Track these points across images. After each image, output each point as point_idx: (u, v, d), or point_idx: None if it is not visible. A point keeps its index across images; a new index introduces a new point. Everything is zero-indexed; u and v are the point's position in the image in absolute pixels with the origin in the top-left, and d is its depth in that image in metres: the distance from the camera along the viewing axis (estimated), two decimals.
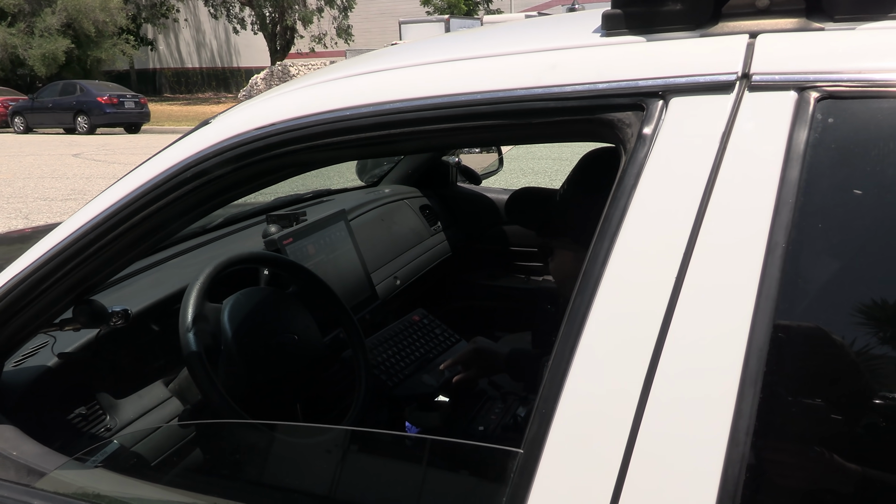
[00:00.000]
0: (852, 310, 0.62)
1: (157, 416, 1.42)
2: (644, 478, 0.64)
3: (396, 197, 2.56)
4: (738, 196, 0.67)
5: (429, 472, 0.86)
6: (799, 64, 0.69)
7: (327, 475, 0.94)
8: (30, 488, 0.98)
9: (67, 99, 20.15)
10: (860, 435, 0.63)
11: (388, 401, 1.72)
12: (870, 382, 0.63)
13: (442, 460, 0.89)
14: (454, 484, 0.84)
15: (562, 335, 0.70)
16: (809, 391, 0.64)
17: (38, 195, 8.93)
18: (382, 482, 0.90)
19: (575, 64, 0.78)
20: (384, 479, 0.90)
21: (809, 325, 0.64)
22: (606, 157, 1.29)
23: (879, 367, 0.62)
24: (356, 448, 0.99)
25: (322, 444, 1.02)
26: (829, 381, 0.64)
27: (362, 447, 1.00)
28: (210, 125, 0.98)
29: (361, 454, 0.97)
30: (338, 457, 0.95)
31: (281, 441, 1.16)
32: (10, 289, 1.02)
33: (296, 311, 1.51)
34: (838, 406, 0.64)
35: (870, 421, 0.64)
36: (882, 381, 0.62)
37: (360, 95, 0.88)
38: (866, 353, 0.62)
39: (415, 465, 0.89)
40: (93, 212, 0.99)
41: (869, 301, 0.62)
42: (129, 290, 1.58)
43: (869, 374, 0.62)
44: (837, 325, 0.64)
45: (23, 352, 1.28)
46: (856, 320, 0.62)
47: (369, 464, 0.94)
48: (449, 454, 0.89)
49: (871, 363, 0.62)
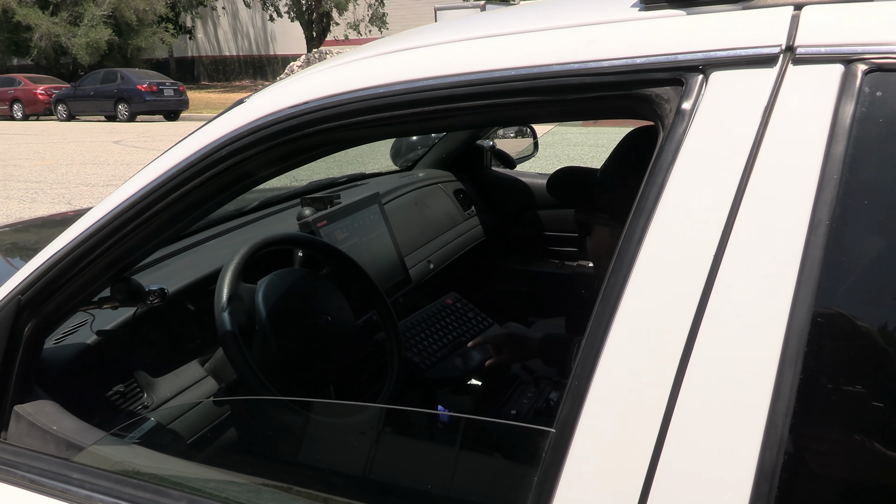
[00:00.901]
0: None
1: (193, 394, 1.44)
2: (679, 458, 0.63)
3: (430, 181, 2.55)
4: (780, 173, 0.65)
5: (461, 452, 0.86)
6: (845, 36, 0.66)
7: (361, 454, 0.94)
8: (68, 462, 1.00)
9: (108, 87, 20.51)
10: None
11: (420, 383, 1.72)
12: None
13: (473, 440, 0.89)
14: (486, 463, 0.84)
15: (596, 313, 0.69)
16: (851, 374, 0.62)
17: (80, 181, 9.12)
18: (415, 462, 0.90)
19: (612, 38, 0.76)
20: (416, 459, 0.90)
21: (852, 305, 0.62)
22: (651, 135, 1.27)
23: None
24: (389, 428, 0.99)
25: (356, 424, 1.02)
26: (872, 364, 0.62)
27: (395, 427, 1.00)
28: (244, 104, 0.99)
29: (394, 434, 0.97)
30: (371, 436, 0.95)
31: (315, 420, 1.16)
32: (50, 266, 1.04)
33: (329, 292, 1.51)
34: (880, 391, 0.61)
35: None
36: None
37: (393, 73, 0.87)
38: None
39: (447, 445, 0.89)
40: (130, 191, 1.01)
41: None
42: (165, 270, 1.60)
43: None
44: (881, 307, 0.62)
45: (62, 329, 1.31)
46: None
47: (402, 444, 0.94)
48: (480, 434, 0.88)
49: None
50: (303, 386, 1.40)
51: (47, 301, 1.06)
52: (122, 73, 21.01)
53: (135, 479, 0.95)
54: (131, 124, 19.22)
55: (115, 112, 20.30)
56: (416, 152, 2.79)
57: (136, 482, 0.94)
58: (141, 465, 1.05)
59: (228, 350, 1.27)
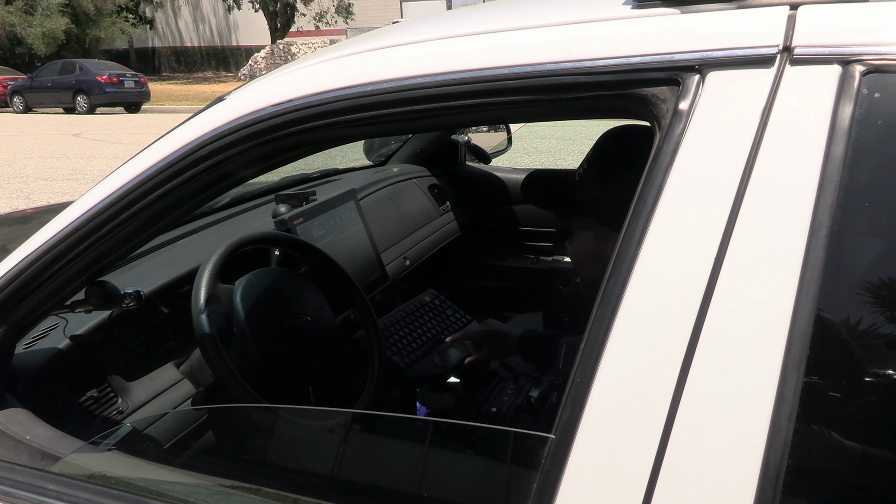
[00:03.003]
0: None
1: (169, 398, 1.41)
2: (682, 463, 0.63)
3: (405, 176, 2.53)
4: (779, 174, 0.64)
5: (457, 457, 0.85)
6: (843, 36, 0.66)
7: (350, 459, 0.92)
8: (45, 473, 0.97)
9: (67, 78, 20.01)
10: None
11: (399, 382, 1.70)
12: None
13: (471, 445, 0.88)
14: (485, 469, 0.83)
15: (595, 316, 0.68)
16: (854, 376, 0.62)
17: (39, 175, 8.89)
18: (408, 467, 0.88)
19: (607, 36, 0.75)
20: (410, 464, 0.88)
21: (855, 307, 0.62)
22: (624, 135, 1.26)
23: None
24: (378, 432, 0.97)
25: (343, 428, 1.00)
26: (875, 365, 0.62)
27: (387, 431, 0.98)
28: (225, 102, 0.96)
29: (384, 437, 0.95)
30: (361, 441, 0.93)
31: (295, 423, 1.14)
32: (22, 269, 1.00)
33: (308, 291, 1.49)
34: (884, 392, 0.62)
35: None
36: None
37: (381, 70, 0.85)
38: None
39: (443, 450, 0.87)
40: (107, 190, 0.97)
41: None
42: (137, 271, 1.56)
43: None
44: (884, 308, 0.61)
45: (33, 334, 1.26)
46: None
47: (393, 448, 0.93)
48: (478, 439, 0.87)
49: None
50: (282, 387, 1.38)
51: (19, 306, 1.03)
52: (81, 64, 20.49)
53: (115, 490, 0.92)
54: (91, 117, 18.79)
55: (73, 104, 19.82)
56: (389, 147, 2.76)
57: (117, 493, 0.91)
58: (121, 473, 1.01)
59: (207, 352, 1.24)
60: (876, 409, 0.61)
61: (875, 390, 0.61)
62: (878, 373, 0.62)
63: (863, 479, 0.62)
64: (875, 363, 0.62)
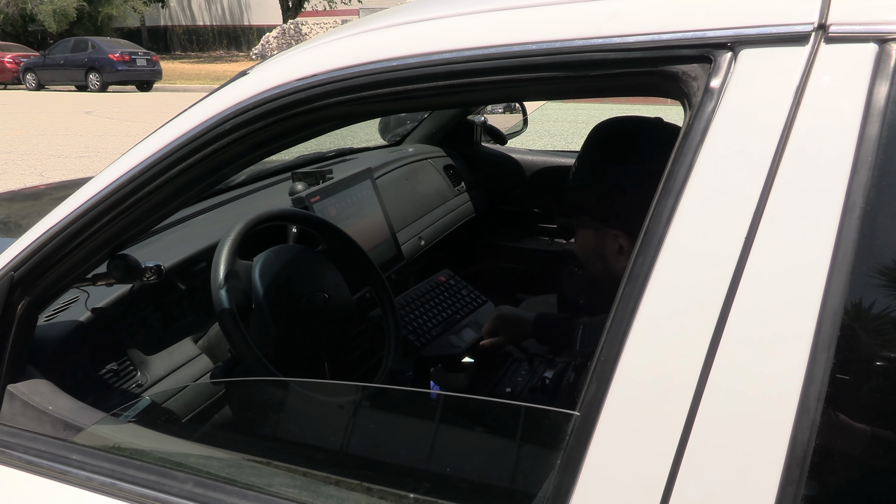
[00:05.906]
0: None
1: (187, 373, 1.42)
2: (708, 439, 0.63)
3: (421, 156, 2.52)
4: (812, 154, 0.64)
5: (481, 433, 0.85)
6: (879, 14, 0.65)
7: (370, 434, 0.93)
8: (68, 443, 0.98)
9: (79, 56, 20.00)
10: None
11: (415, 361, 1.71)
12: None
13: (495, 421, 0.88)
14: (508, 446, 0.83)
15: (622, 296, 0.68)
16: (885, 359, 0.61)
17: (52, 152, 8.92)
18: (433, 443, 0.89)
19: (637, 13, 0.74)
20: (435, 440, 0.89)
21: (886, 288, 0.61)
22: (614, 128, 1.25)
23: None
24: (403, 408, 0.98)
25: (360, 403, 1.01)
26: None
27: (407, 407, 0.98)
28: (248, 76, 0.95)
29: (405, 414, 0.96)
30: (384, 417, 0.93)
31: (313, 398, 1.15)
32: (45, 241, 1.00)
33: (326, 269, 1.49)
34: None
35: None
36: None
37: (407, 45, 0.84)
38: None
39: (467, 426, 0.87)
40: (129, 164, 0.97)
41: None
42: (155, 246, 1.57)
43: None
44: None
45: (54, 306, 1.27)
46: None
47: (416, 425, 0.93)
48: (502, 415, 0.87)
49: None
50: (298, 363, 1.39)
51: (42, 277, 1.03)
52: (94, 42, 20.48)
53: (138, 461, 0.93)
54: (103, 94, 18.81)
55: (85, 82, 19.83)
56: (404, 127, 2.75)
57: (139, 463, 0.92)
58: (142, 445, 1.02)
59: (226, 327, 1.25)
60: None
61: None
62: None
63: (890, 462, 0.62)
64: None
